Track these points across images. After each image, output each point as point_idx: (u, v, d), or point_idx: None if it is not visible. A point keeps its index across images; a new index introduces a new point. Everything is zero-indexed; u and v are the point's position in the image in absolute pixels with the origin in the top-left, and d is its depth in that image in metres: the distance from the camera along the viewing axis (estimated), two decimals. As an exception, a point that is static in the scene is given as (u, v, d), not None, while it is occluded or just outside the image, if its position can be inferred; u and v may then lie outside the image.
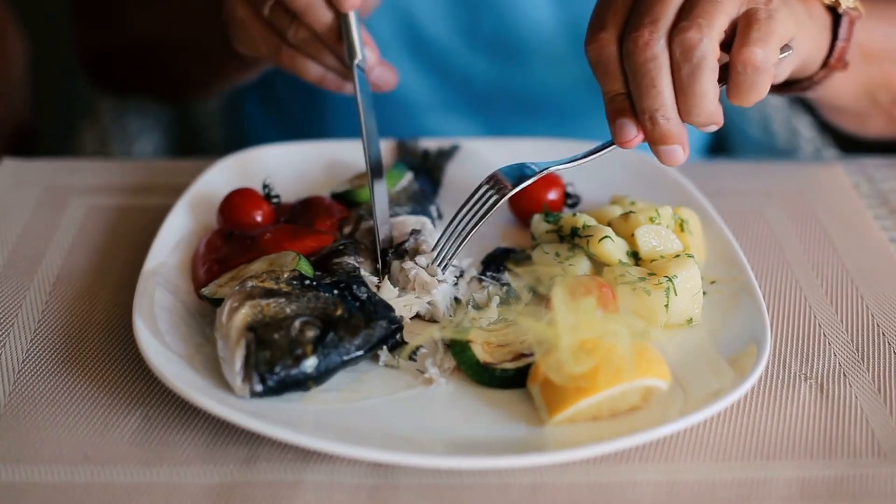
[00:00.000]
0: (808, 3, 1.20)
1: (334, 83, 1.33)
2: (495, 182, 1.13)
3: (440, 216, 1.32)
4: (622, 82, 1.07)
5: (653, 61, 1.03)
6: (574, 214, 1.20)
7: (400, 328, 1.07)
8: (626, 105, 1.07)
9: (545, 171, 1.12)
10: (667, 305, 1.08)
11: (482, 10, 1.60)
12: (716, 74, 1.04)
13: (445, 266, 1.14)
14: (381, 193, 1.20)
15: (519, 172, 1.13)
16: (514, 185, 1.11)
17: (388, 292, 1.13)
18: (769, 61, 1.04)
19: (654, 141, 1.06)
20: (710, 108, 1.05)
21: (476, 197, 1.13)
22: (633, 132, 1.06)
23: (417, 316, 1.14)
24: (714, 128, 1.07)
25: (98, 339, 1.12)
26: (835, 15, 1.23)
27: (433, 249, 1.15)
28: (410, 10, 1.61)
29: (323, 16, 1.26)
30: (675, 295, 1.08)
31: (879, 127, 1.48)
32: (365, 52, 1.27)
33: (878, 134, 1.50)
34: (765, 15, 1.06)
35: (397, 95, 1.64)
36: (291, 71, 1.33)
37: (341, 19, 1.26)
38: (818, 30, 1.21)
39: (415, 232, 1.19)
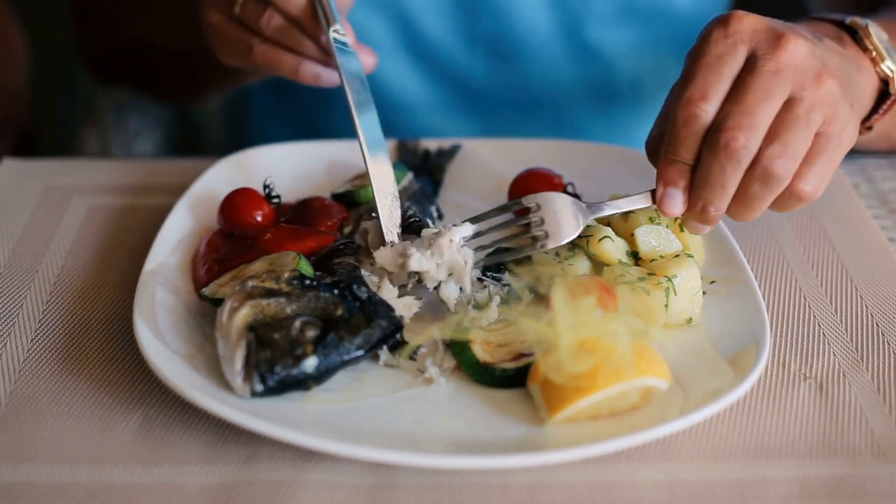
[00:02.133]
0: (864, 68, 1.19)
1: (310, 74, 1.31)
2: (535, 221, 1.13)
3: (441, 216, 1.32)
4: (694, 155, 1.06)
5: (735, 166, 1.04)
6: (574, 214, 1.19)
7: (400, 328, 1.07)
8: (686, 176, 1.07)
9: (590, 219, 1.14)
10: (666, 305, 1.08)
11: (479, 11, 1.60)
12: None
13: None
14: (385, 171, 1.20)
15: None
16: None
17: (388, 292, 1.13)
18: (816, 196, 1.07)
19: (695, 221, 1.09)
20: (757, 216, 1.08)
21: (511, 215, 1.13)
22: (679, 208, 1.08)
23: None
24: None
25: (99, 339, 1.12)
26: (884, 84, 1.22)
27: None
28: (408, 11, 1.61)
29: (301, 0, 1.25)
30: (675, 295, 1.09)
31: (881, 149, 1.47)
32: (339, 19, 1.25)
33: (876, 151, 1.50)
34: (834, 144, 1.07)
35: (396, 96, 1.64)
36: (265, 67, 1.31)
37: None
38: (865, 100, 1.20)
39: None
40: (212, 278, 1.15)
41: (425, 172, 1.38)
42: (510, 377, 1.03)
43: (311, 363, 1.00)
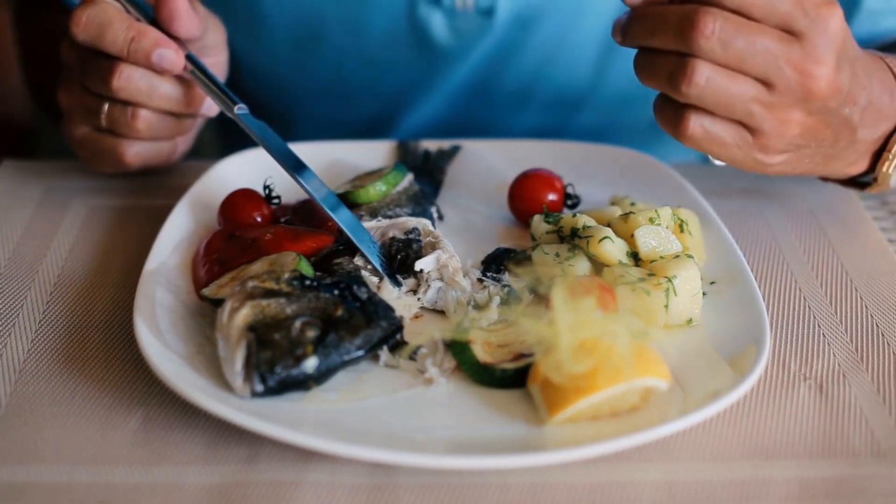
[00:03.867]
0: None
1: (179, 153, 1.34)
2: None
3: (441, 217, 1.32)
4: None
5: (675, 39, 1.00)
6: (574, 215, 1.20)
7: (400, 328, 1.07)
8: None
9: None
10: (666, 306, 1.08)
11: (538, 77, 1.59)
12: None
13: None
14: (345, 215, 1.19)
15: None
16: None
17: (388, 292, 1.14)
18: (691, 144, 1.06)
19: (621, 20, 1.06)
20: (643, 81, 1.06)
21: None
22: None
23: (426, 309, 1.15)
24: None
25: (99, 339, 1.12)
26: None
27: None
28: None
29: (171, 90, 1.24)
30: (675, 295, 1.09)
31: None
32: (238, 99, 1.23)
33: None
34: (774, 141, 1.06)
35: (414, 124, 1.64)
36: (145, 167, 1.32)
37: (198, 80, 1.24)
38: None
39: (414, 231, 1.19)
40: (212, 279, 1.15)
41: (425, 173, 1.38)
42: (510, 377, 1.03)
43: (311, 363, 1.00)
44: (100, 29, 1.21)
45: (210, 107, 1.29)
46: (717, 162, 1.12)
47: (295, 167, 1.20)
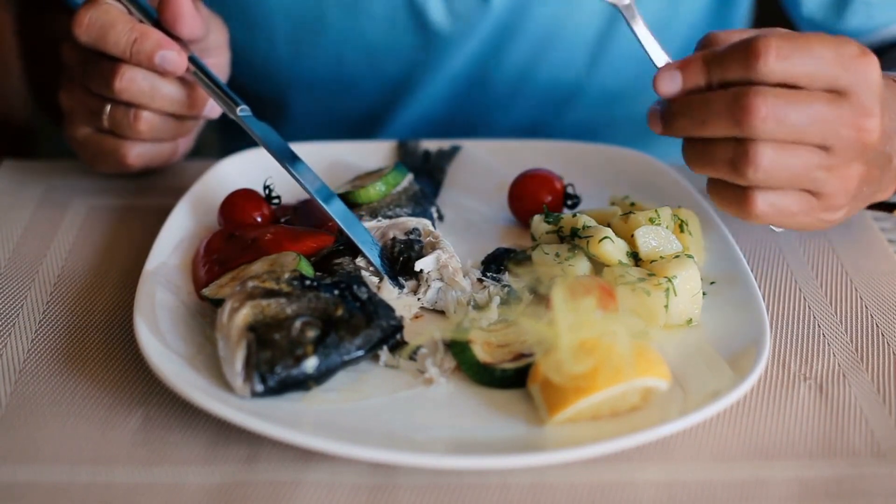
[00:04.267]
0: None
1: (180, 152, 1.34)
2: None
3: (441, 217, 1.32)
4: (723, 82, 1.00)
5: (728, 125, 0.99)
6: (574, 215, 1.20)
7: (400, 328, 1.07)
8: (698, 83, 1.01)
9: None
10: (666, 306, 1.08)
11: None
12: None
13: None
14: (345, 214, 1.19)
15: None
16: None
17: (388, 292, 1.14)
18: (762, 221, 1.05)
19: (658, 113, 1.04)
20: (697, 171, 1.06)
21: None
22: (662, 91, 1.02)
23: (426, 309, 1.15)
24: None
25: (99, 339, 1.12)
26: None
27: None
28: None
29: (173, 91, 1.24)
30: (675, 295, 1.09)
31: None
32: (240, 100, 1.23)
33: None
34: (826, 205, 1.05)
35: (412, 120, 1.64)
36: (147, 167, 1.32)
37: (200, 81, 1.24)
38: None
39: (415, 231, 1.19)
40: (212, 279, 1.15)
41: (425, 174, 1.38)
42: (510, 378, 1.03)
43: (311, 363, 1.00)
44: (102, 30, 1.21)
45: (212, 108, 1.29)
46: (777, 229, 1.11)
47: (297, 169, 1.20)
